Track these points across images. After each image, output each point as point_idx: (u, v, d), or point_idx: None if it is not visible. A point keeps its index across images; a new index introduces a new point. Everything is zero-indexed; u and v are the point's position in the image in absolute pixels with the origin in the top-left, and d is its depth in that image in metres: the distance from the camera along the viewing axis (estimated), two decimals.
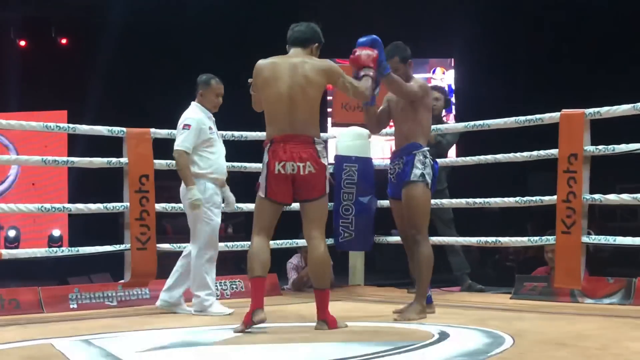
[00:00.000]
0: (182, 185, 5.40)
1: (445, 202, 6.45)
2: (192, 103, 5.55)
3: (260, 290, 4.44)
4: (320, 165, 4.43)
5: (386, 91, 5.09)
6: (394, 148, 5.12)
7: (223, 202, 5.63)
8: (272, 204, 4.52)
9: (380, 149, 10.58)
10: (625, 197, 5.56)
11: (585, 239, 5.46)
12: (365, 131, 6.90)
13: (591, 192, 5.49)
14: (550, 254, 6.00)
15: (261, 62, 4.61)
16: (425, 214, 4.92)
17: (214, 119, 5.54)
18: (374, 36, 4.71)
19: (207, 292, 5.39)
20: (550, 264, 6.11)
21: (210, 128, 5.43)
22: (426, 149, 4.93)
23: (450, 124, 6.31)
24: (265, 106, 4.58)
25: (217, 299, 5.54)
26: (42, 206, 6.05)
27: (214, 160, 5.41)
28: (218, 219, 5.47)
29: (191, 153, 5.32)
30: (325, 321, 4.45)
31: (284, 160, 4.39)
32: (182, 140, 5.31)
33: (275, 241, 5.98)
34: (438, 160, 6.22)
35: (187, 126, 5.34)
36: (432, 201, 6.34)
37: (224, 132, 6.04)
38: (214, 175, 5.40)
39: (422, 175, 4.84)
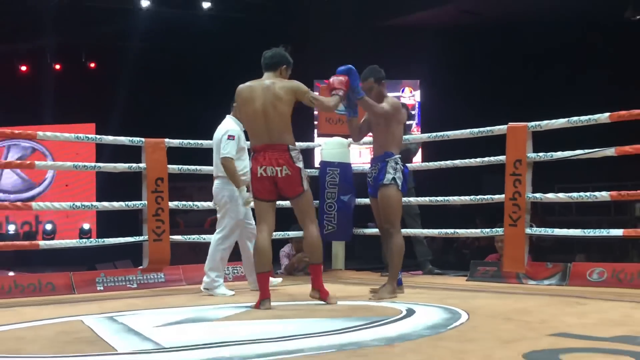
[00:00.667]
0: (215, 184, 5.49)
1: (413, 199, 6.47)
2: (227, 116, 5.56)
3: (265, 283, 4.55)
4: (295, 168, 4.52)
5: None
6: (372, 154, 5.15)
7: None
8: (261, 202, 4.61)
9: (358, 155, 10.64)
10: (562, 196, 5.61)
11: (528, 230, 5.48)
12: (346, 140, 6.92)
13: (533, 192, 5.51)
14: (500, 243, 6.03)
15: (240, 87, 4.72)
16: (397, 210, 4.96)
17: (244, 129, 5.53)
18: (350, 66, 4.78)
19: (217, 274, 5.42)
20: (500, 251, 6.14)
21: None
22: (397, 156, 4.97)
23: (417, 134, 6.33)
24: (245, 122, 4.73)
25: (221, 283, 5.51)
26: (74, 204, 6.05)
27: (245, 164, 5.37)
28: (242, 216, 5.45)
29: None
30: (319, 290, 4.59)
31: (264, 165, 4.50)
32: (229, 149, 5.30)
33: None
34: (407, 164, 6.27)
35: (231, 137, 5.34)
36: (408, 198, 6.41)
37: None
38: (244, 177, 5.32)
39: (394, 179, 4.90)
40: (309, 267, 4.68)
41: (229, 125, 5.48)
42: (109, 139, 6.09)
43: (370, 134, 5.21)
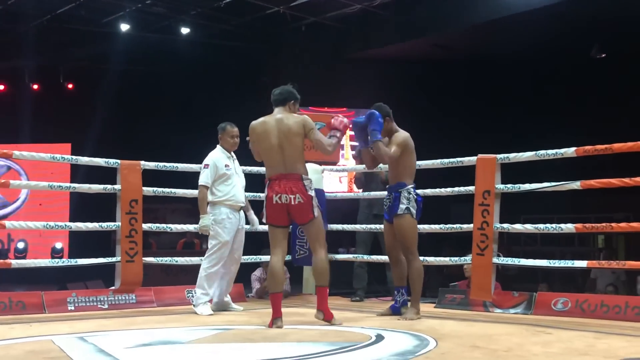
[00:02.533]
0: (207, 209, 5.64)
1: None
2: (217, 145, 5.78)
3: (278, 303, 4.72)
4: (307, 197, 4.74)
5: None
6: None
7: (247, 224, 5.90)
8: (275, 228, 4.83)
9: (330, 183, 10.64)
10: (529, 227, 5.64)
11: (495, 260, 5.50)
12: (320, 167, 6.92)
13: (500, 222, 5.54)
14: (469, 271, 6.05)
15: (253, 123, 4.93)
16: (413, 238, 5.16)
17: (234, 156, 5.80)
18: (373, 111, 5.03)
19: (202, 291, 5.56)
20: (468, 278, 6.16)
21: (227, 165, 5.66)
22: (411, 186, 5.16)
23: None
24: (262, 155, 4.89)
25: (204, 302, 5.58)
26: (47, 224, 5.96)
27: (229, 190, 5.62)
28: (227, 237, 5.61)
29: (210, 186, 5.59)
30: (323, 311, 4.76)
31: (280, 192, 4.71)
32: (202, 177, 5.62)
33: (243, 256, 5.97)
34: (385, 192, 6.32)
35: (206, 166, 5.64)
36: (377, 226, 6.42)
37: (249, 168, 6.25)
38: (229, 202, 5.61)
39: (407, 208, 5.11)
40: (315, 289, 4.86)
41: (211, 154, 5.71)
42: (85, 159, 6.02)
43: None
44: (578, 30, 10.68)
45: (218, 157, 5.68)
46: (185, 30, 11.81)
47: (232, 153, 5.82)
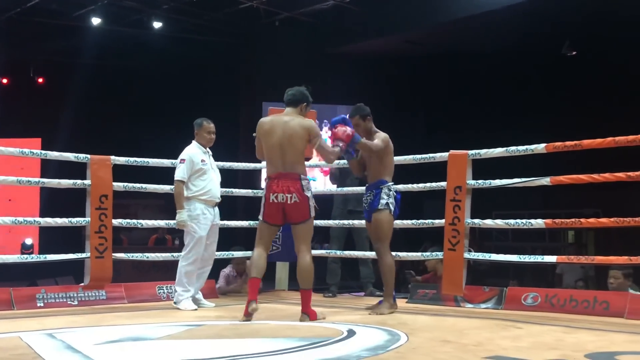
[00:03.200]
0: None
1: (364, 222, 6.46)
2: (193, 141, 5.76)
3: (255, 288, 4.81)
4: (304, 197, 4.80)
5: None
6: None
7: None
8: (268, 225, 4.91)
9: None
10: (499, 222, 5.68)
11: (466, 255, 5.53)
12: None
13: (472, 217, 5.58)
14: (433, 265, 6.24)
15: (262, 120, 5.03)
16: (388, 233, 5.25)
17: (210, 152, 5.79)
18: (344, 116, 5.21)
19: (182, 289, 5.57)
20: (430, 271, 6.43)
21: (202, 160, 5.65)
22: (390, 184, 5.28)
23: None
24: (265, 152, 4.94)
25: (186, 298, 5.58)
26: (16, 219, 5.88)
27: (205, 185, 5.63)
28: (203, 233, 5.61)
29: (187, 181, 5.58)
30: (307, 314, 4.77)
31: (277, 192, 4.79)
32: (178, 172, 5.60)
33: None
34: (360, 188, 6.35)
35: (182, 160, 5.62)
36: (351, 221, 6.43)
37: (221, 163, 6.18)
38: (204, 197, 5.62)
39: (387, 204, 5.22)
40: (300, 291, 4.87)
41: (187, 149, 5.70)
42: (54, 154, 5.94)
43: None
44: (549, 27, 10.78)
45: (194, 152, 5.67)
46: (157, 25, 11.72)
47: (208, 149, 5.80)
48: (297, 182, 4.81)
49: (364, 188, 6.48)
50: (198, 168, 5.62)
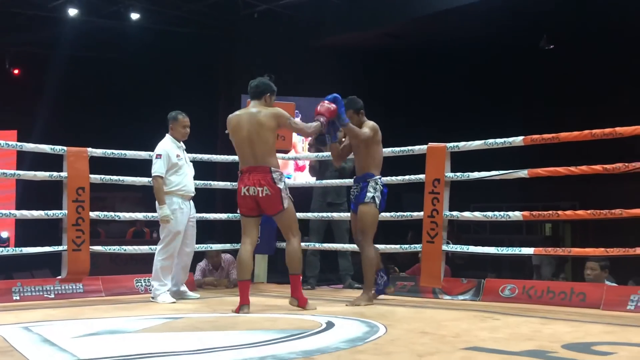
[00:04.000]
0: (157, 201, 5.59)
1: (344, 215, 6.49)
2: (166, 135, 5.72)
3: (246, 290, 4.85)
4: (275, 189, 4.85)
5: None
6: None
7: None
8: (245, 218, 4.97)
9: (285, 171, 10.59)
10: (477, 215, 5.72)
11: (445, 247, 5.56)
12: None
13: (450, 210, 5.60)
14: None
15: (230, 116, 5.06)
16: (372, 226, 5.26)
17: (184, 146, 5.77)
18: (336, 94, 5.14)
19: (159, 283, 5.54)
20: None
21: (178, 155, 5.63)
22: (378, 177, 5.28)
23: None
24: (235, 147, 5.00)
25: (164, 292, 5.57)
26: None
27: (180, 180, 5.61)
28: (179, 227, 5.61)
29: (164, 176, 5.55)
30: (297, 298, 4.90)
31: (248, 185, 4.85)
32: (156, 167, 5.56)
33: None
34: (339, 181, 6.35)
35: (158, 156, 5.57)
36: (329, 214, 6.43)
37: (199, 155, 6.16)
38: (180, 192, 5.61)
39: (373, 197, 5.23)
40: (289, 277, 4.98)
41: (162, 144, 5.66)
42: (30, 146, 5.87)
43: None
44: (527, 21, 10.83)
45: (169, 147, 5.64)
46: (135, 16, 11.59)
47: (182, 142, 5.77)
48: (268, 174, 4.85)
49: (343, 181, 6.52)
50: (174, 163, 5.60)
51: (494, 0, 10.00)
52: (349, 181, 6.65)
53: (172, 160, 5.58)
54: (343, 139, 5.53)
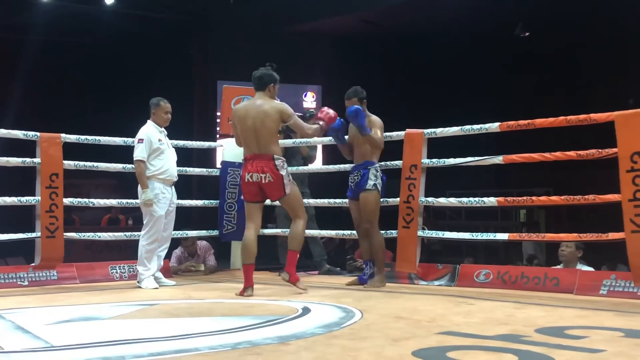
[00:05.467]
0: (139, 186, 5.56)
1: (312, 201, 6.47)
2: (148, 121, 5.72)
3: (250, 273, 5.01)
4: (277, 175, 5.03)
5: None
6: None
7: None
8: (249, 204, 5.14)
9: None
10: (453, 200, 5.75)
11: (420, 233, 5.58)
12: None
13: (426, 196, 5.62)
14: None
15: (236, 107, 5.39)
16: (376, 212, 5.44)
17: (165, 132, 5.77)
18: (357, 107, 5.38)
19: (143, 268, 5.57)
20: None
21: (160, 140, 5.64)
22: (377, 165, 5.47)
23: (317, 139, 6.38)
24: (240, 135, 5.17)
25: (147, 277, 5.58)
26: None
27: (163, 165, 5.63)
28: (162, 212, 5.62)
29: (146, 161, 5.55)
30: (289, 273, 5.08)
31: (252, 171, 5.04)
32: (137, 152, 5.56)
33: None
34: (307, 167, 6.34)
35: (140, 140, 5.57)
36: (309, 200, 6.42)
37: (175, 141, 6.10)
38: (162, 176, 5.63)
39: (375, 185, 5.39)
40: (286, 253, 5.19)
41: (144, 129, 5.66)
42: (2, 132, 5.77)
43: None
44: (503, 8, 10.87)
45: (151, 131, 5.64)
46: (109, 1, 11.46)
47: (164, 128, 5.76)
48: (271, 161, 5.03)
49: (307, 168, 6.53)
50: (156, 147, 5.59)
51: None
52: (316, 167, 6.65)
53: (154, 144, 5.59)
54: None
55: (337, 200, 6.30)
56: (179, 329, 3.58)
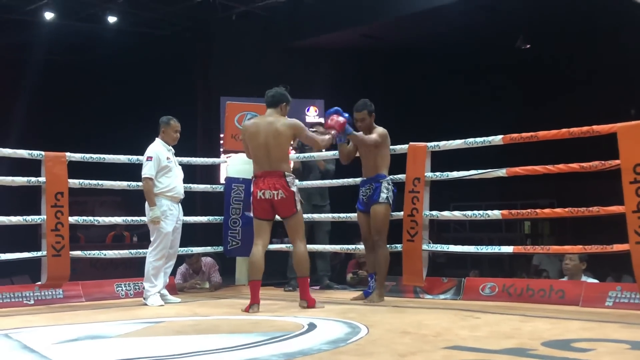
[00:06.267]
0: (147, 203, 5.60)
1: (329, 216, 6.52)
2: (156, 138, 5.77)
3: (257, 290, 5.02)
4: (289, 192, 5.07)
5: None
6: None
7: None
8: (259, 221, 5.15)
9: None
10: (457, 214, 5.75)
11: (425, 246, 5.58)
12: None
13: (430, 209, 5.62)
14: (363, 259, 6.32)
15: (246, 123, 5.39)
16: (386, 225, 5.45)
17: (173, 150, 5.82)
18: (337, 107, 5.36)
19: (150, 285, 5.58)
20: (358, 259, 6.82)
21: (168, 158, 5.69)
22: (389, 178, 5.47)
23: (330, 152, 6.41)
24: (251, 152, 5.22)
25: (153, 294, 5.59)
26: None
27: (170, 182, 5.67)
28: (169, 228, 5.65)
29: (154, 178, 5.59)
30: (306, 300, 5.07)
31: (263, 189, 5.06)
32: (146, 169, 5.60)
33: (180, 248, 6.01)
34: (325, 181, 6.35)
35: (149, 158, 5.62)
36: (311, 215, 6.42)
37: (180, 158, 6.09)
38: (170, 193, 5.67)
39: (387, 198, 5.41)
40: (297, 280, 5.22)
41: (152, 147, 5.70)
42: (7, 151, 5.80)
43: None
44: (504, 20, 10.91)
45: (159, 149, 5.69)
46: (112, 19, 11.53)
47: (171, 146, 5.81)
48: (282, 178, 5.06)
49: (324, 182, 6.53)
50: (164, 165, 5.65)
51: (469, 1, 10.06)
52: (319, 182, 6.66)
53: (162, 162, 5.64)
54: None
55: (342, 215, 6.31)
56: (185, 346, 3.58)
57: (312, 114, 12.81)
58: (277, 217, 5.29)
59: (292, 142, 5.41)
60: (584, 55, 11.55)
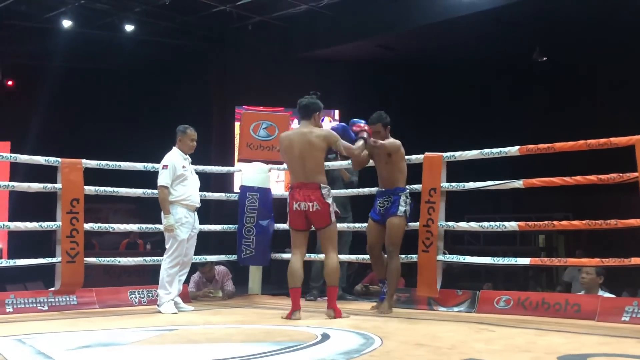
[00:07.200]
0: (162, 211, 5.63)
1: (350, 225, 6.48)
2: (173, 147, 5.80)
3: (297, 297, 5.09)
4: (324, 204, 5.10)
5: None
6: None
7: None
8: (295, 231, 5.19)
9: (276, 182, 10.56)
10: (473, 225, 5.72)
11: (440, 257, 5.54)
12: (266, 166, 6.87)
13: (445, 220, 5.58)
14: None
15: (282, 135, 5.43)
16: (401, 237, 5.45)
17: (190, 159, 5.82)
18: (343, 124, 5.53)
19: (164, 292, 5.59)
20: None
21: (183, 166, 5.71)
22: (407, 191, 5.49)
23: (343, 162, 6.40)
24: (287, 164, 5.33)
25: (167, 301, 5.58)
26: None
27: (186, 190, 5.68)
28: (184, 236, 5.65)
29: (170, 187, 5.61)
30: (333, 309, 5.07)
31: (299, 200, 5.09)
32: (162, 178, 5.62)
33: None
34: (347, 190, 6.47)
35: (165, 166, 5.65)
36: (338, 225, 6.40)
37: (195, 166, 6.05)
38: (185, 202, 5.67)
39: (405, 211, 5.42)
40: (326, 289, 5.23)
41: (169, 155, 5.74)
42: (24, 157, 5.83)
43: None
44: (521, 32, 10.88)
45: (175, 158, 5.72)
46: (129, 28, 11.61)
47: (188, 155, 5.83)
48: (318, 190, 5.10)
49: (347, 191, 6.48)
50: (180, 174, 5.66)
51: (486, 13, 10.04)
52: (335, 192, 6.63)
53: (177, 171, 5.66)
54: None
55: (357, 225, 6.28)
56: (198, 355, 3.57)
57: (327, 125, 12.82)
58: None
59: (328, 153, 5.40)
60: (602, 66, 11.49)
